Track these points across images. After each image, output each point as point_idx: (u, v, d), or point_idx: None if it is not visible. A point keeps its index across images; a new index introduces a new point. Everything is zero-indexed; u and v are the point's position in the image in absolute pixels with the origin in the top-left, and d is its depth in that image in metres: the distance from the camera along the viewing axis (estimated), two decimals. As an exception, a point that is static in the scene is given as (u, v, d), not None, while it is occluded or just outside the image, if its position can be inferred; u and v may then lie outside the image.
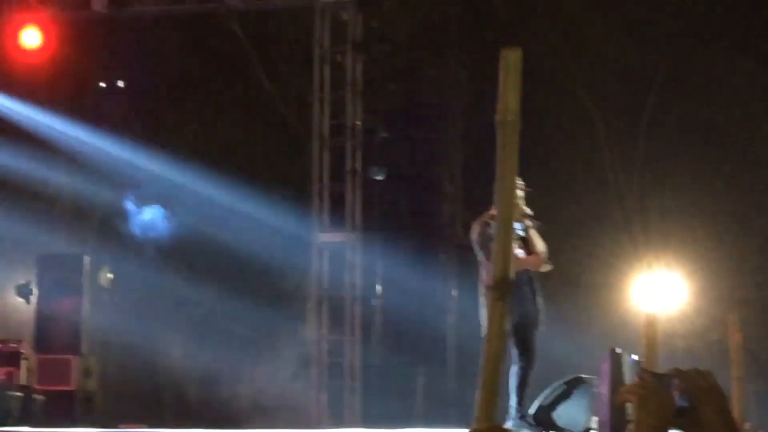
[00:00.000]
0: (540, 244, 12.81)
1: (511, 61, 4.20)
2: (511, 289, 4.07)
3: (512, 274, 4.07)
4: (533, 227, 12.69)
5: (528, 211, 12.73)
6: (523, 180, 12.73)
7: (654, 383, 4.16)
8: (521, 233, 12.68)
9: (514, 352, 12.71)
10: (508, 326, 12.21)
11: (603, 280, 23.11)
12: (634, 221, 25.39)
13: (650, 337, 7.25)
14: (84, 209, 26.44)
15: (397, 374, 21.29)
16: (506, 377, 12.84)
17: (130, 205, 24.33)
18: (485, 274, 12.25)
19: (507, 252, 4.16)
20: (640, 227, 25.31)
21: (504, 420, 12.68)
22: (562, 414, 13.03)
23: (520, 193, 12.63)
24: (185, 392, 26.06)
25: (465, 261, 21.51)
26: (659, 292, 20.99)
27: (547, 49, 25.31)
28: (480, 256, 12.47)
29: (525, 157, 17.25)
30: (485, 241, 12.21)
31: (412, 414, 20.11)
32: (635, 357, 12.67)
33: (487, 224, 12.39)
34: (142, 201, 24.44)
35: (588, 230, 23.17)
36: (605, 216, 24.81)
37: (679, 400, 4.19)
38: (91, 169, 24.91)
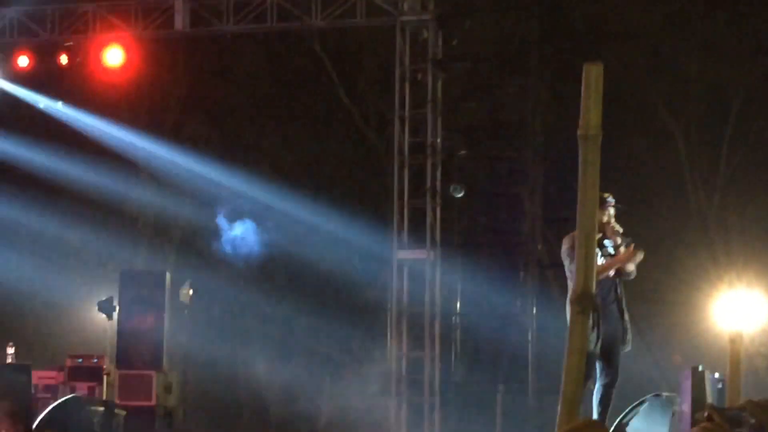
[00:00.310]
0: (630, 263, 12.74)
1: (593, 75, 4.19)
2: (593, 303, 4.06)
3: (594, 288, 4.05)
4: (624, 244, 12.62)
5: (619, 228, 12.66)
6: (618, 207, 12.70)
7: (722, 425, 4.16)
8: (611, 250, 12.63)
9: (598, 369, 12.67)
10: (594, 343, 12.22)
11: (684, 299, 22.96)
12: (716, 240, 25.20)
13: (734, 355, 7.19)
14: (165, 226, 26.61)
15: (476, 391, 21.23)
16: (590, 393, 12.82)
17: (221, 221, 24.41)
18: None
19: (589, 265, 4.15)
20: (721, 246, 25.13)
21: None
22: (641, 430, 12.96)
23: (611, 210, 12.59)
24: (265, 408, 26.14)
25: (545, 279, 21.48)
26: (740, 310, 20.83)
27: (627, 65, 25.23)
28: (569, 270, 12.42)
29: (606, 174, 17.18)
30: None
31: (492, 431, 20.06)
32: (717, 375, 12.60)
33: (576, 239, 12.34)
34: (233, 217, 24.52)
35: (669, 249, 23.02)
36: (686, 234, 24.65)
37: None
38: (172, 186, 25.07)
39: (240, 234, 24.21)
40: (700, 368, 12.97)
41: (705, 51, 24.97)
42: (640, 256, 12.42)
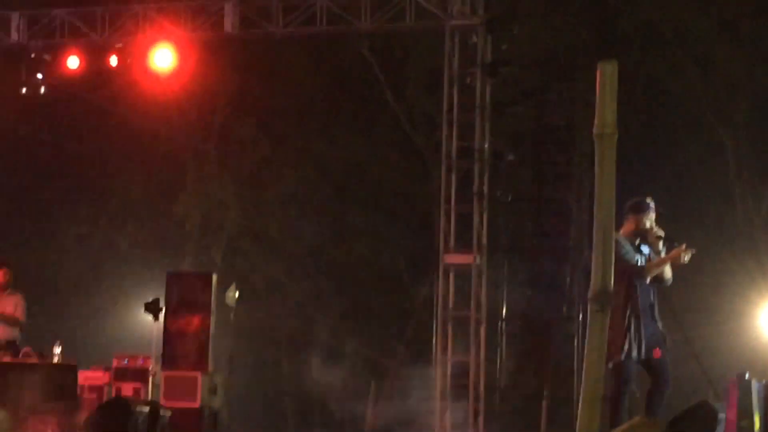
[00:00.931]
0: (668, 270, 12.68)
1: (607, 73, 4.18)
2: (610, 301, 4.04)
3: (611, 286, 4.04)
4: (665, 250, 12.56)
5: (660, 233, 12.60)
6: (660, 213, 12.64)
7: None
8: (651, 256, 12.59)
9: (648, 375, 12.64)
10: (637, 349, 12.17)
11: (731, 307, 22.89)
12: (763, 249, 25.12)
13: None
14: (212, 228, 26.71)
15: (521, 397, 21.22)
16: (633, 396, 12.79)
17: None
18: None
19: (607, 263, 4.14)
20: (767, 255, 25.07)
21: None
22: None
23: (652, 215, 12.53)
24: (310, 410, 26.19)
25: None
26: (788, 319, 20.77)
27: (676, 72, 25.18)
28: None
29: (654, 181, 17.13)
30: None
31: (537, 435, 20.05)
32: (763, 382, 12.54)
33: (617, 242, 12.30)
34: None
35: (717, 258, 22.94)
36: (734, 243, 24.58)
37: None
38: (220, 188, 25.18)
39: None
40: (746, 376, 12.92)
41: (755, 58, 24.90)
42: (688, 256, 12.34)
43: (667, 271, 12.58)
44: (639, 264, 12.37)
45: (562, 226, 20.83)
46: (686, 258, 12.38)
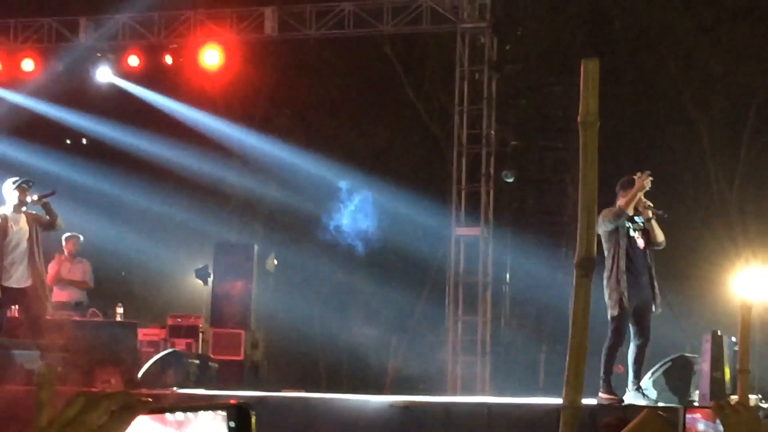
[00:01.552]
0: (659, 234, 12.71)
1: (589, 69, 4.18)
2: (594, 266, 4.06)
3: (594, 253, 4.05)
4: (654, 217, 12.59)
5: (649, 203, 12.63)
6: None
7: (749, 413, 4.11)
8: (641, 224, 12.61)
9: (632, 332, 12.64)
10: (629, 306, 12.20)
11: (706, 273, 22.87)
12: (734, 223, 25.08)
13: (745, 322, 7.13)
14: (254, 205, 26.77)
15: (522, 351, 21.24)
16: (625, 354, 12.80)
17: (342, 192, 24.37)
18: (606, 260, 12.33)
19: (590, 234, 4.14)
20: (739, 227, 25.01)
21: (623, 391, 12.62)
22: (668, 387, 12.92)
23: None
24: (339, 363, 26.24)
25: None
26: (756, 284, 20.67)
27: (661, 69, 25.12)
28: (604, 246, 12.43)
29: (640, 163, 17.07)
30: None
31: (535, 386, 20.05)
32: (733, 339, 12.54)
33: (614, 213, 12.40)
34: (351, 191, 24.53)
35: (693, 230, 22.95)
36: (709, 217, 24.56)
37: None
38: (261, 170, 25.19)
39: (357, 207, 24.20)
40: (719, 333, 12.92)
41: (729, 55, 24.85)
42: (647, 180, 12.44)
43: (659, 235, 12.63)
44: (630, 233, 12.44)
45: (558, 203, 20.82)
46: (647, 183, 12.45)
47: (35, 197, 13.74)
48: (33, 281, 13.74)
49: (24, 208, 13.76)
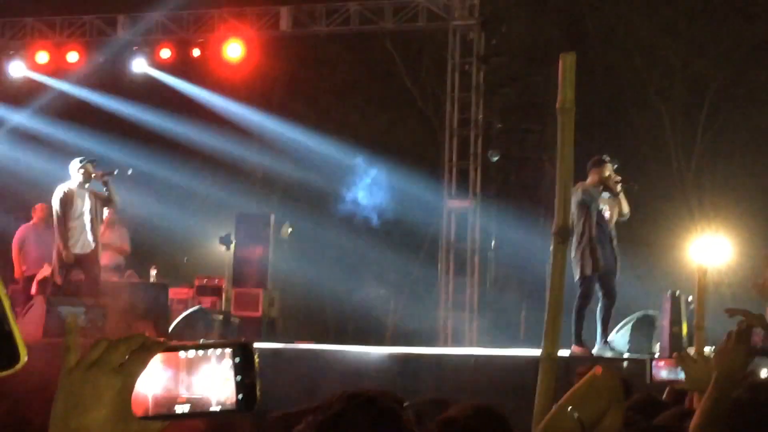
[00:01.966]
0: (626, 206, 12.71)
1: (567, 62, 4.17)
2: (569, 235, 4.04)
3: (570, 224, 4.04)
4: (623, 191, 12.61)
5: (618, 178, 12.61)
6: (615, 164, 12.65)
7: (705, 362, 4.10)
8: (609, 197, 12.61)
9: (600, 293, 12.65)
10: (594, 269, 12.18)
11: (666, 241, 22.87)
12: (691, 195, 25.09)
13: (701, 284, 7.14)
14: (272, 180, 26.74)
15: (505, 308, 21.24)
16: (594, 312, 12.80)
17: (358, 167, 24.30)
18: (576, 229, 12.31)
19: (567, 206, 4.12)
20: (695, 200, 25.03)
21: (591, 344, 12.62)
22: (632, 341, 12.93)
23: (609, 166, 12.56)
24: (345, 320, 26.26)
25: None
26: (710, 250, 20.65)
27: (627, 61, 25.09)
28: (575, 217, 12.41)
29: (609, 144, 17.02)
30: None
31: (517, 338, 20.05)
32: (689, 298, 12.53)
33: (586, 191, 12.37)
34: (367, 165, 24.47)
35: (655, 202, 22.91)
36: (669, 191, 24.56)
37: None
38: (277, 149, 25.16)
39: (372, 180, 24.15)
40: (677, 293, 12.91)
41: (688, 49, 24.84)
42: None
43: (625, 207, 12.64)
44: (600, 206, 12.42)
45: (537, 179, 20.77)
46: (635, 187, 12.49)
47: (98, 173, 13.95)
48: (93, 248, 13.96)
49: (87, 185, 13.94)
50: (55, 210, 14.05)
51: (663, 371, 5.68)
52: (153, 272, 17.33)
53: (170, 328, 15.17)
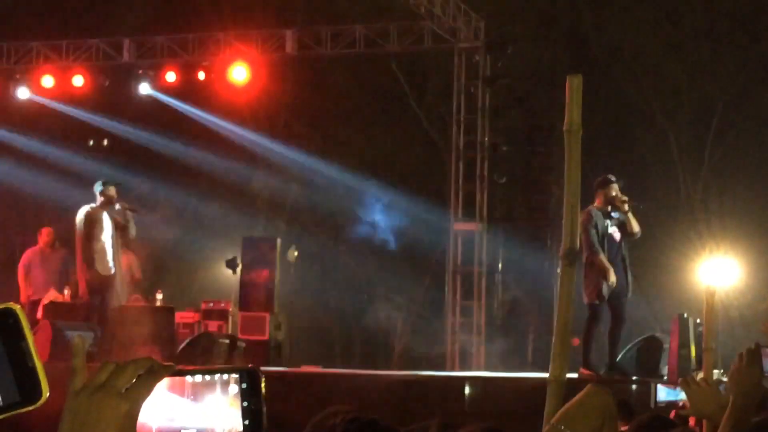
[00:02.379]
0: (635, 225, 12.63)
1: (574, 84, 4.18)
2: (577, 258, 4.04)
3: (578, 246, 4.04)
4: (631, 211, 12.55)
5: (625, 198, 12.56)
6: (621, 185, 12.62)
7: (711, 388, 4.12)
8: (619, 218, 12.56)
9: (610, 315, 12.62)
10: (606, 293, 12.15)
11: (675, 262, 22.83)
12: (699, 218, 25.10)
13: (709, 305, 7.12)
14: (278, 203, 26.76)
15: (513, 331, 21.21)
16: (603, 334, 12.77)
17: (372, 191, 24.28)
18: (584, 254, 12.20)
19: (574, 228, 4.13)
20: (703, 222, 25.02)
21: (597, 367, 12.60)
22: (640, 363, 12.91)
23: (616, 186, 12.52)
24: (352, 343, 26.25)
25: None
26: (718, 272, 20.59)
27: (633, 82, 25.13)
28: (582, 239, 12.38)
29: (616, 166, 17.03)
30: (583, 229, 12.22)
31: (525, 361, 20.03)
32: (698, 321, 12.50)
33: (590, 214, 12.33)
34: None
35: (663, 224, 22.91)
36: (677, 213, 24.58)
37: None
38: (284, 173, 25.22)
39: (389, 202, 24.14)
40: (685, 315, 12.90)
41: (694, 69, 24.88)
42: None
43: (635, 225, 12.56)
44: (609, 229, 12.39)
45: (543, 201, 20.75)
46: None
47: (124, 205, 13.98)
48: (113, 273, 13.97)
49: (109, 208, 13.97)
50: (79, 230, 14.02)
51: (661, 392, 5.71)
52: (159, 296, 17.31)
53: (176, 353, 15.16)
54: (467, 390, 12.53)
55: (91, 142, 25.07)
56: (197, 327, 17.34)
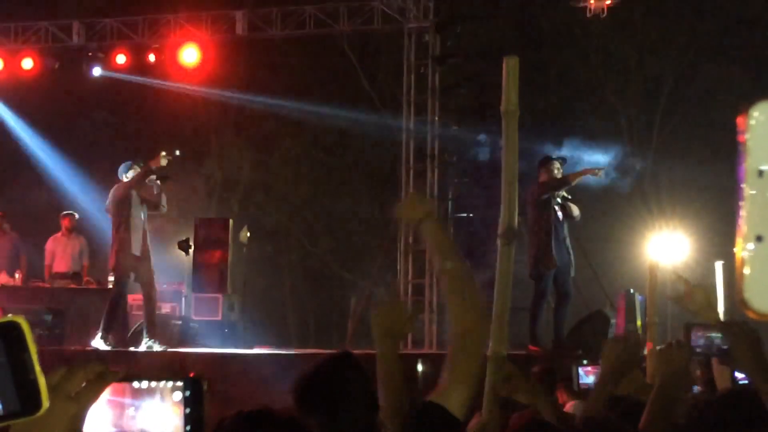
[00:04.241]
0: (575, 209, 12.79)
1: (510, 65, 4.26)
2: (515, 237, 4.12)
3: (516, 224, 4.12)
4: (576, 178, 12.68)
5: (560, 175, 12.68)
6: (562, 163, 12.73)
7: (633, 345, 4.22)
8: (564, 194, 12.70)
9: (556, 291, 12.74)
10: (550, 269, 12.27)
11: (624, 238, 23.03)
12: (649, 194, 25.30)
13: (652, 280, 7.26)
14: (231, 185, 26.74)
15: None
16: (548, 307, 12.90)
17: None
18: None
19: (512, 207, 4.22)
20: (653, 198, 25.25)
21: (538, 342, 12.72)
22: (588, 338, 13.04)
23: (557, 164, 12.64)
24: (306, 320, 26.29)
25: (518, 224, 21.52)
26: (667, 247, 20.78)
27: (584, 61, 25.25)
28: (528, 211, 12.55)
29: (563, 144, 17.13)
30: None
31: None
32: (643, 296, 12.65)
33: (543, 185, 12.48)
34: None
35: (613, 200, 23.11)
36: (627, 191, 24.76)
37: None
38: (237, 154, 25.18)
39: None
40: (631, 291, 13.06)
41: (642, 49, 25.06)
42: (601, 172, 12.61)
43: (575, 210, 12.70)
44: (554, 206, 12.50)
45: (494, 180, 20.82)
46: (600, 173, 12.61)
47: (156, 177, 13.98)
48: (142, 252, 13.90)
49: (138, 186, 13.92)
50: (114, 212, 13.95)
51: (590, 377, 5.80)
52: (111, 278, 17.28)
53: (128, 335, 15.16)
54: (420, 367, 12.63)
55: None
56: (151, 309, 17.30)
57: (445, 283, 3.46)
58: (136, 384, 2.06)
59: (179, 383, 2.06)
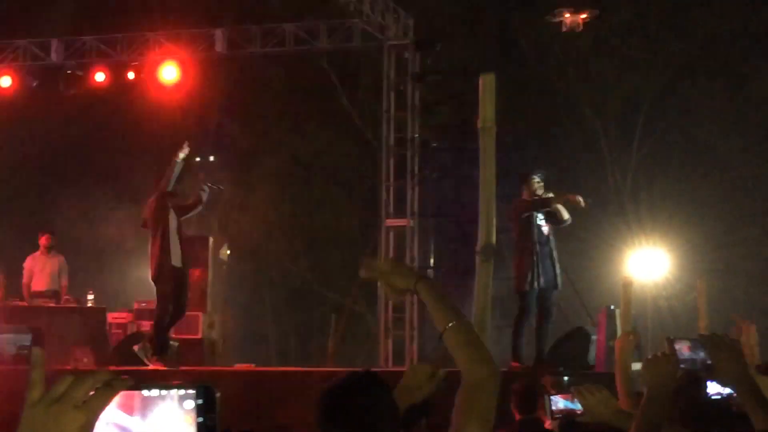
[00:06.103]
0: (565, 213, 12.70)
1: (486, 82, 4.30)
2: (493, 253, 4.16)
3: (494, 241, 4.15)
4: (557, 203, 12.61)
5: (549, 194, 12.62)
6: (542, 177, 12.71)
7: (602, 393, 4.24)
8: (547, 209, 12.66)
9: (538, 307, 12.70)
10: (531, 285, 12.25)
11: (604, 254, 23.14)
12: (629, 211, 25.40)
13: (626, 296, 7.31)
14: (210, 202, 26.66)
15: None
16: (530, 326, 12.88)
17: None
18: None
19: (490, 223, 4.25)
20: (633, 215, 25.32)
21: (526, 359, 12.73)
22: (569, 354, 13.06)
23: (536, 178, 12.60)
24: (287, 340, 26.24)
25: (498, 241, 21.55)
26: (647, 263, 20.92)
27: (562, 78, 25.36)
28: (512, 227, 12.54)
29: (546, 160, 17.19)
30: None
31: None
32: (616, 309, 12.60)
33: (522, 202, 12.46)
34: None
35: (593, 217, 23.14)
36: (606, 206, 24.82)
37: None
38: (215, 171, 25.14)
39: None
40: (612, 307, 13.07)
41: (621, 66, 25.17)
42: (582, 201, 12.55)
43: (565, 213, 12.64)
44: (538, 221, 12.48)
45: (473, 197, 20.84)
46: (585, 205, 12.56)
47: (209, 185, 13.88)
48: (184, 263, 13.77)
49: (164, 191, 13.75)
50: (152, 223, 13.75)
51: (560, 402, 5.81)
52: (90, 297, 17.23)
53: (109, 353, 15.11)
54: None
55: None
56: (130, 327, 17.27)
57: (450, 340, 3.55)
58: (145, 392, 2.02)
59: (191, 391, 2.03)
